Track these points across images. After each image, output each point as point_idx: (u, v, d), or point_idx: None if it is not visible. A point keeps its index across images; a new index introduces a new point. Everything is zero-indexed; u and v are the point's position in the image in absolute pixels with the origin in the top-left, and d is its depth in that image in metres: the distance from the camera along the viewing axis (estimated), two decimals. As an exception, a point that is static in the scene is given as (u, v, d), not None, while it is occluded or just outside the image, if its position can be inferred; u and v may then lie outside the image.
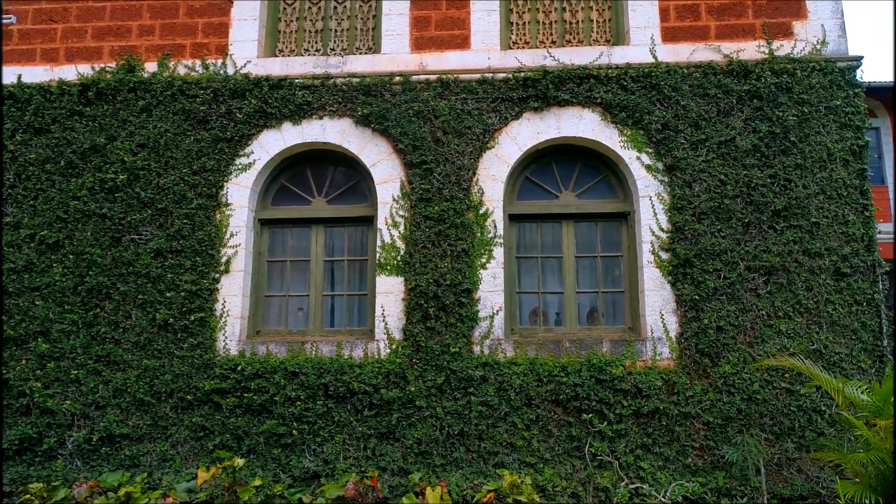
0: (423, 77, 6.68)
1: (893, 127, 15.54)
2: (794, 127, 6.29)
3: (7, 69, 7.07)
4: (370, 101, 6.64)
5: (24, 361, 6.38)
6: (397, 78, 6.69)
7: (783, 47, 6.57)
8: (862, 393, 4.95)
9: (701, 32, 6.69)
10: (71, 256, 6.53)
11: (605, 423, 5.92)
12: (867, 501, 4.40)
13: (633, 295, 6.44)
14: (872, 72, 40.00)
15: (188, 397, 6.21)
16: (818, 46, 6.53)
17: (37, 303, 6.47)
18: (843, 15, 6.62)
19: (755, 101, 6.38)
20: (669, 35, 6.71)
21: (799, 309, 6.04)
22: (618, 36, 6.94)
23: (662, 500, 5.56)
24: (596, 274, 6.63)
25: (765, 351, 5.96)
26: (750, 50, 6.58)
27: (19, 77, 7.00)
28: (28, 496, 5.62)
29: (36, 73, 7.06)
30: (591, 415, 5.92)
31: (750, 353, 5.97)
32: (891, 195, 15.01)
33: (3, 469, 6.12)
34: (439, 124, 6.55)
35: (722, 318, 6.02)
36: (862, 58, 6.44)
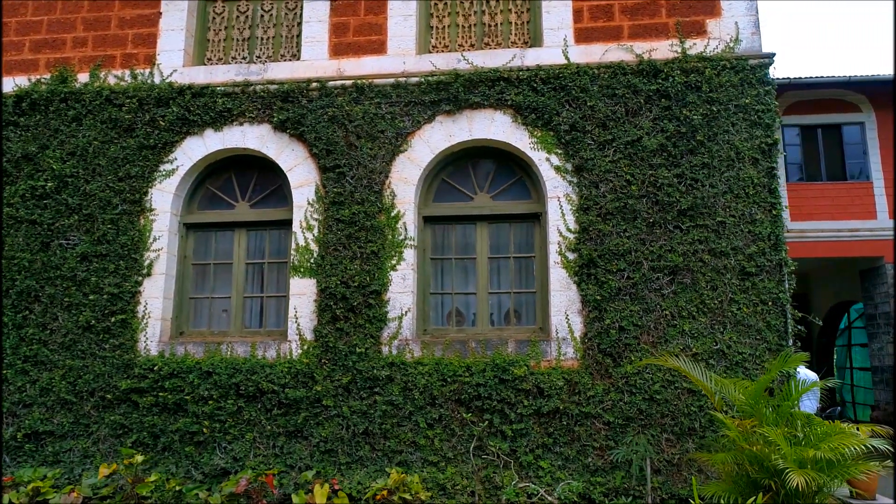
0: (339, 83, 6.80)
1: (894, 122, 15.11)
2: (702, 126, 6.26)
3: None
4: (287, 107, 6.79)
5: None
6: (314, 84, 6.82)
7: (696, 46, 6.53)
8: (741, 393, 4.93)
9: (614, 33, 6.69)
10: (2, 261, 6.80)
11: (507, 422, 5.98)
12: (723, 502, 4.40)
13: (543, 295, 6.48)
14: (859, 66, 39.59)
15: (108, 396, 6.43)
16: (731, 44, 6.49)
17: (-29, 306, 6.76)
18: (757, 12, 6.56)
19: (663, 100, 6.36)
20: (583, 36, 6.73)
21: (703, 309, 6.01)
22: (535, 38, 6.97)
23: (549, 498, 5.59)
24: (510, 275, 6.68)
25: (668, 351, 5.95)
26: (663, 49, 6.57)
27: (-40, 90, 7.32)
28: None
29: (-24, 86, 7.36)
30: (470, 414, 5.99)
31: (653, 353, 5.96)
32: (879, 192, 14.63)
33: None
34: (353, 129, 6.67)
35: (625, 319, 6.03)
36: (774, 55, 6.38)
